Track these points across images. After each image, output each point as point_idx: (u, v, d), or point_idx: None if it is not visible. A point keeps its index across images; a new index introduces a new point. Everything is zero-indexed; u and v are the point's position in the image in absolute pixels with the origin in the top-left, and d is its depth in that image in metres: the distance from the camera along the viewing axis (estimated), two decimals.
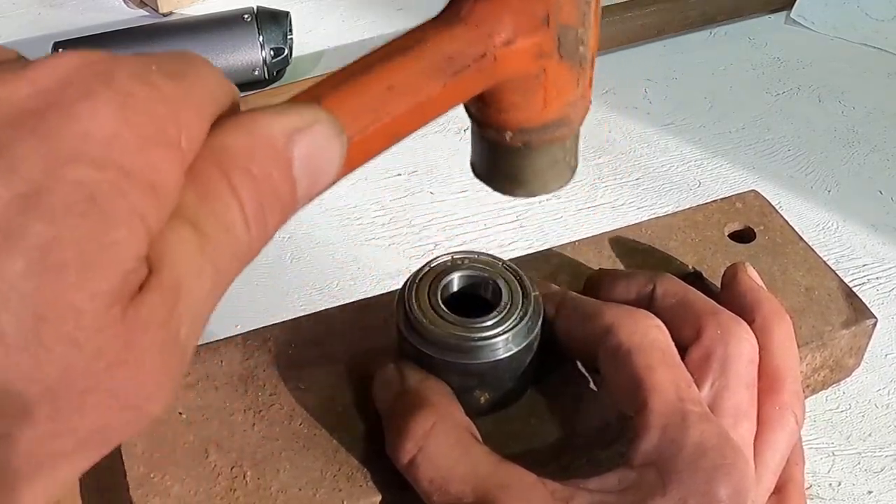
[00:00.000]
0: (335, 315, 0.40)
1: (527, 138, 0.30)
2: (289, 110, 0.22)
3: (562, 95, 0.29)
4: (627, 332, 0.33)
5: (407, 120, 0.26)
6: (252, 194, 0.21)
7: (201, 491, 0.33)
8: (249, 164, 0.21)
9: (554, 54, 0.28)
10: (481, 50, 0.27)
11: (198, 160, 0.21)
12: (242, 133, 0.21)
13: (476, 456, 0.31)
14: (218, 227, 0.21)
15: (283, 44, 0.87)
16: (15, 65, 0.20)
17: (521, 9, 0.27)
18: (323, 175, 0.23)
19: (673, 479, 0.29)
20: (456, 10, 0.27)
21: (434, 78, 0.26)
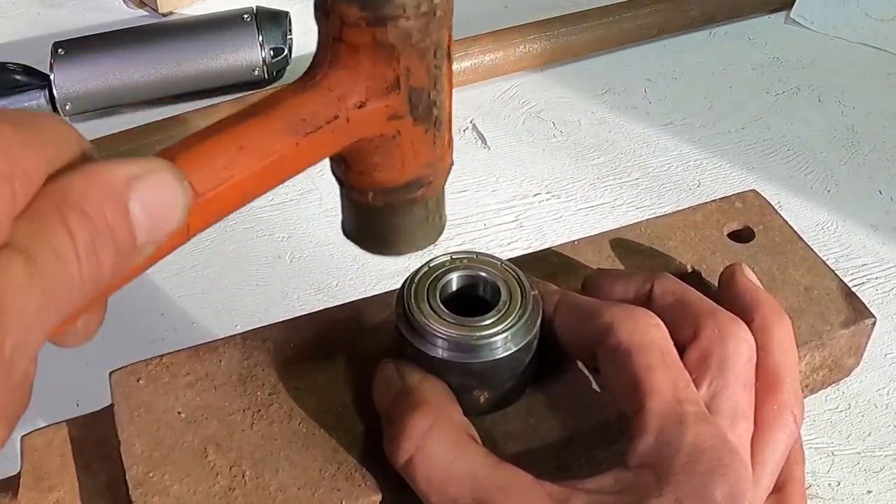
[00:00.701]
0: (334, 315, 0.40)
1: (388, 199, 0.32)
2: (130, 160, 0.23)
3: (418, 156, 0.31)
4: (627, 331, 0.33)
5: (259, 179, 0.27)
6: (83, 230, 0.22)
7: (200, 490, 0.33)
8: (83, 203, 0.22)
9: (407, 116, 0.30)
10: (334, 112, 0.28)
11: (36, 199, 0.22)
12: (79, 175, 0.22)
13: (474, 457, 0.31)
14: (49, 256, 0.21)
15: (283, 44, 0.87)
16: None
17: (372, 72, 0.28)
18: (165, 220, 0.24)
19: (669, 481, 0.29)
20: (311, 75, 0.29)
21: (286, 138, 0.27)
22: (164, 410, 0.36)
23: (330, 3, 0.28)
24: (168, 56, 0.84)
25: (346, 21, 0.27)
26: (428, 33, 0.28)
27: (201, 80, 0.85)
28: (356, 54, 0.28)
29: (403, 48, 0.28)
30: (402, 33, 0.28)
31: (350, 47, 0.28)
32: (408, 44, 0.28)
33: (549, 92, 0.89)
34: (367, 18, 0.27)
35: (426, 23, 0.28)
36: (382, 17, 0.27)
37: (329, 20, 0.28)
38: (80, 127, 0.92)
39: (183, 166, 0.25)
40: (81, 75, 0.83)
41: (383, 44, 0.28)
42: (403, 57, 0.28)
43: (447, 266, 0.36)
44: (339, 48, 0.28)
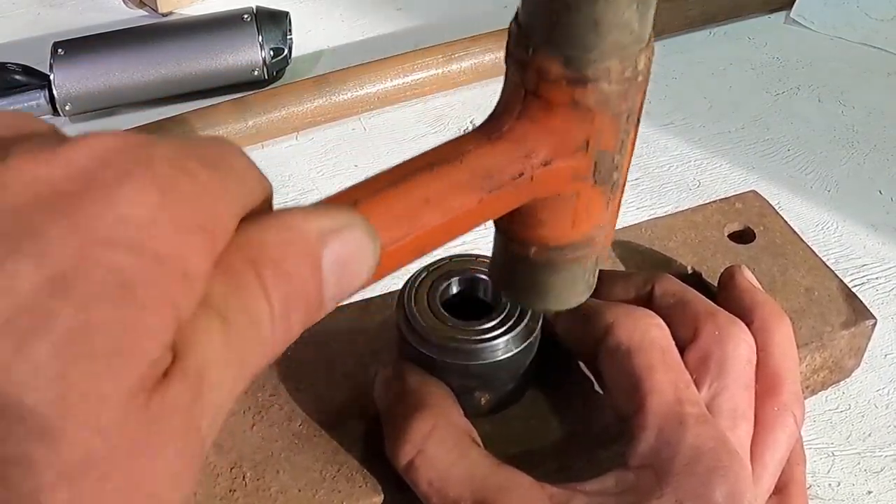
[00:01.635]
0: (335, 315, 0.39)
1: (550, 255, 0.30)
2: (324, 211, 0.22)
3: (591, 218, 0.30)
4: (628, 331, 0.33)
5: (440, 232, 0.26)
6: (280, 291, 0.21)
7: (201, 492, 0.33)
8: (280, 260, 0.21)
9: (589, 178, 0.28)
10: (519, 168, 0.27)
11: (228, 252, 0.20)
12: (275, 228, 0.21)
13: (474, 459, 0.31)
14: (245, 320, 0.20)
15: (283, 44, 0.87)
16: (50, 140, 0.19)
17: (563, 132, 0.27)
18: (353, 278, 0.23)
19: (669, 482, 0.29)
20: (497, 125, 0.27)
21: (471, 193, 0.26)
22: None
23: (530, 54, 0.26)
24: (168, 56, 0.84)
25: (546, 76, 0.26)
26: (626, 98, 0.27)
27: (201, 80, 0.85)
28: (549, 111, 0.26)
29: (599, 111, 0.26)
30: (602, 97, 0.26)
31: (544, 103, 0.26)
32: (605, 108, 0.26)
33: None
34: (569, 77, 0.26)
35: (626, 88, 0.27)
36: (585, 78, 0.26)
37: (526, 72, 0.26)
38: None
39: (368, 213, 0.23)
40: (81, 75, 0.82)
41: (580, 105, 0.26)
42: (598, 120, 0.27)
43: (448, 269, 0.36)
44: (532, 101, 0.27)
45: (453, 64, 0.86)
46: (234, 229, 0.21)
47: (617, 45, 0.25)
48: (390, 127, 0.79)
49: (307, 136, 0.80)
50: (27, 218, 0.18)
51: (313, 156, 0.77)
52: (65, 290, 0.17)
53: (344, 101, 0.79)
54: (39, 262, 0.17)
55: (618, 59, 0.26)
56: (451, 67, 0.86)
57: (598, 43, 0.25)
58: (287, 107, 0.81)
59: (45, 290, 0.17)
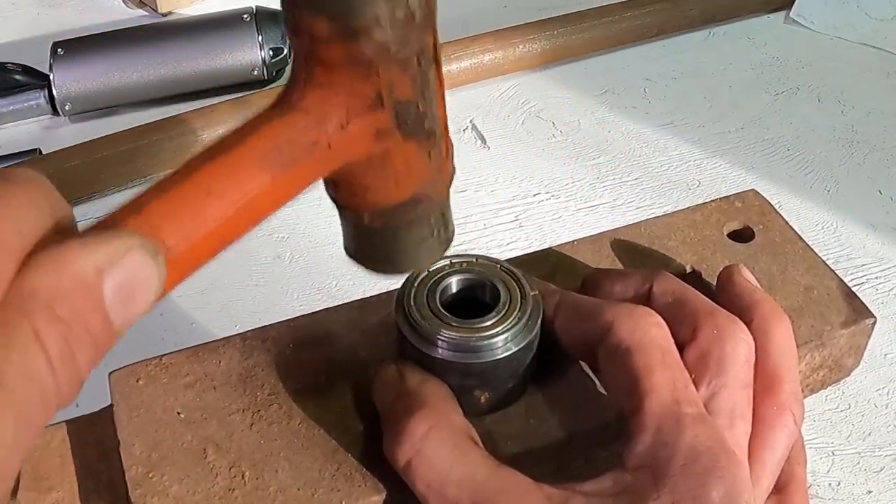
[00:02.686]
0: (334, 315, 0.40)
1: (385, 220, 0.29)
2: (99, 241, 0.21)
3: (412, 173, 0.28)
4: (627, 329, 0.33)
5: (235, 223, 0.25)
6: (58, 337, 0.20)
7: (200, 491, 0.33)
8: (55, 306, 0.20)
9: (395, 132, 0.27)
10: (313, 137, 0.26)
11: (4, 303, 0.20)
12: (49, 272, 0.21)
13: (473, 460, 0.31)
14: (20, 378, 0.20)
15: (283, 44, 0.87)
16: None
17: (351, 90, 0.26)
18: (141, 300, 0.22)
19: (666, 483, 0.29)
20: (287, 97, 0.26)
21: (260, 174, 0.25)
22: (164, 411, 0.36)
23: (297, 17, 0.25)
24: (168, 56, 0.84)
25: (317, 37, 0.25)
26: (408, 42, 0.26)
27: (201, 80, 0.85)
28: (331, 72, 0.25)
29: (382, 61, 0.25)
30: (378, 46, 0.25)
31: (324, 65, 0.25)
32: (386, 56, 0.25)
33: (548, 92, 0.89)
34: (339, 33, 0.24)
35: (405, 32, 0.25)
36: (354, 30, 0.24)
37: (299, 37, 0.25)
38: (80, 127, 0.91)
39: (150, 220, 0.23)
40: (81, 75, 0.83)
41: (360, 60, 0.25)
42: (383, 70, 0.26)
43: (447, 270, 0.36)
44: (313, 67, 0.26)
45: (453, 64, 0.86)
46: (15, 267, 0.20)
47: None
48: None
49: None
50: None
51: None
52: None
53: None
54: None
55: (385, 4, 0.25)
56: (451, 67, 0.86)
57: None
58: None
59: None
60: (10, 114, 0.84)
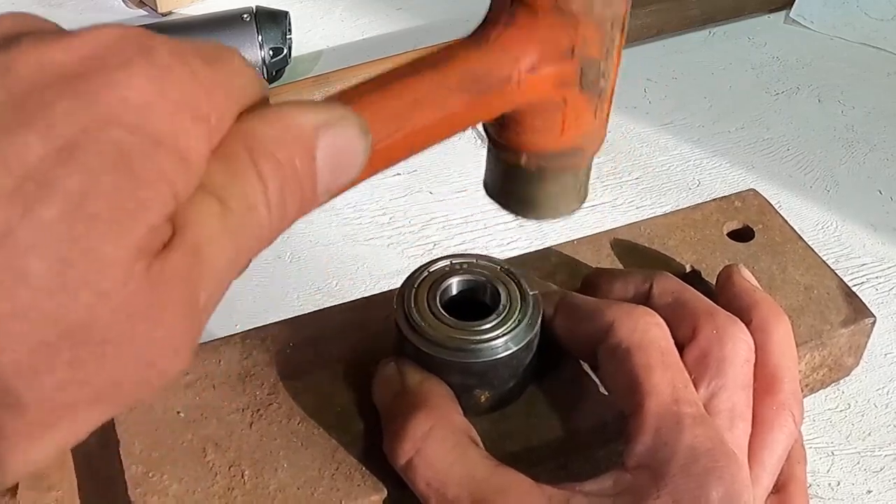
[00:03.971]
0: (334, 314, 0.40)
1: (541, 163, 0.31)
2: (319, 106, 0.23)
3: (579, 125, 0.30)
4: (627, 329, 0.33)
5: (429, 132, 0.27)
6: (276, 179, 0.22)
7: (199, 490, 0.33)
8: (276, 150, 0.22)
9: (575, 85, 0.29)
10: (506, 73, 0.28)
11: (227, 141, 0.22)
12: (272, 120, 0.22)
13: (473, 460, 0.31)
14: (241, 204, 0.21)
15: (282, 43, 0.87)
16: (56, 32, 0.21)
17: (548, 38, 0.28)
18: (345, 171, 0.24)
19: (665, 483, 0.29)
20: (486, 32, 0.28)
21: (459, 95, 0.27)
22: (164, 410, 0.36)
23: None
24: None
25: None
26: (610, 5, 0.28)
27: None
28: (535, 17, 0.27)
29: (583, 17, 0.27)
30: (586, 3, 0.27)
31: (529, 9, 0.27)
32: (589, 13, 0.27)
33: None
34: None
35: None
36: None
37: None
38: None
39: (361, 111, 0.24)
40: None
41: (565, 11, 0.27)
42: (582, 26, 0.28)
43: (447, 271, 0.36)
44: (518, 9, 0.28)
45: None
46: (232, 119, 0.22)
47: None
48: None
49: None
50: (34, 95, 0.19)
51: None
52: (69, 160, 0.18)
53: None
54: (46, 135, 0.18)
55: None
56: None
57: None
58: None
59: (51, 160, 0.18)
60: None
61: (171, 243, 0.20)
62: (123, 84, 0.20)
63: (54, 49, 0.20)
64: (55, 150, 0.18)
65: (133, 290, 0.19)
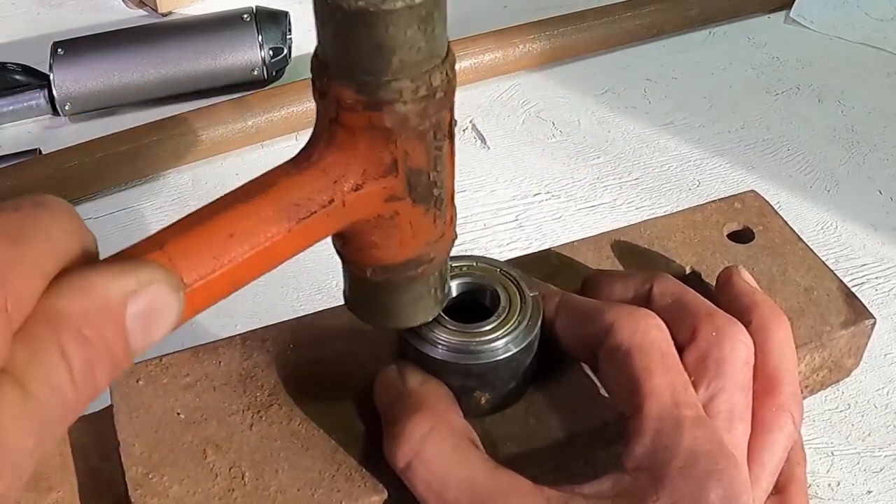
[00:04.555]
0: (334, 315, 0.40)
1: (387, 276, 0.31)
2: (126, 269, 0.23)
3: (418, 236, 0.30)
4: (628, 331, 0.33)
5: (251, 265, 0.26)
6: (82, 355, 0.22)
7: (200, 491, 0.33)
8: (81, 326, 0.22)
9: (406, 198, 0.29)
10: (329, 196, 0.28)
11: (31, 321, 0.21)
12: (77, 295, 0.22)
13: (473, 462, 0.31)
14: (45, 388, 0.21)
15: (283, 44, 0.87)
16: None
17: (369, 155, 0.28)
18: (159, 328, 0.24)
19: (665, 485, 0.29)
20: (306, 155, 0.28)
21: (278, 224, 0.27)
22: (164, 411, 0.36)
23: (326, 83, 0.27)
24: (168, 56, 0.84)
25: (342, 104, 0.27)
26: (427, 116, 0.27)
27: (201, 80, 0.85)
28: (353, 136, 0.27)
29: (401, 132, 0.27)
30: (399, 118, 0.27)
31: (347, 129, 0.27)
32: (405, 127, 0.27)
33: (548, 92, 0.89)
34: (364, 102, 0.26)
35: (425, 106, 0.27)
36: (379, 101, 0.26)
37: (325, 101, 0.27)
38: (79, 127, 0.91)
39: (171, 256, 0.24)
40: (81, 75, 0.82)
41: (379, 128, 0.27)
42: (401, 140, 0.27)
43: None
44: (336, 129, 0.27)
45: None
46: (39, 294, 0.22)
47: (406, 66, 0.26)
48: None
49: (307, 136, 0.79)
50: None
51: None
52: None
53: None
54: None
55: (409, 79, 0.26)
56: None
57: (386, 66, 0.26)
58: (287, 107, 0.81)
59: None
60: (10, 114, 0.84)
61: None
62: None
63: None
64: None
65: None
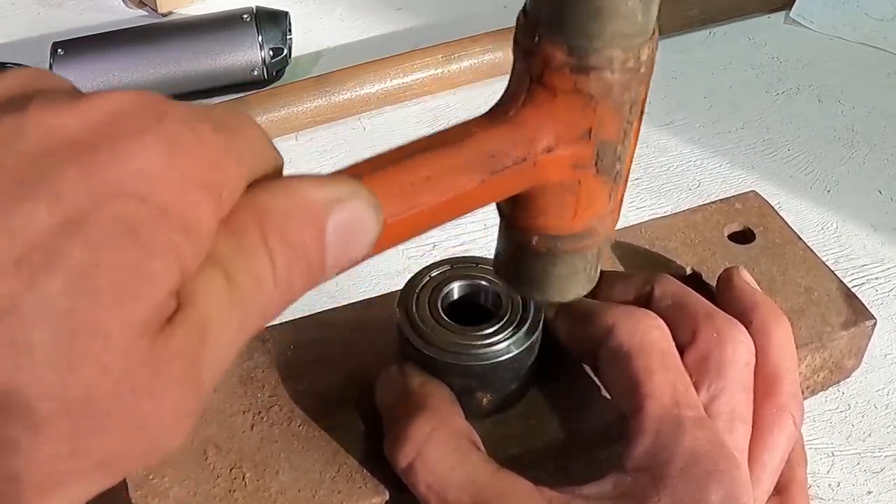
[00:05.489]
0: (335, 316, 0.40)
1: (552, 245, 0.30)
2: (331, 181, 0.23)
3: (592, 207, 0.30)
4: (628, 332, 0.33)
5: (441, 210, 0.26)
6: (284, 255, 0.22)
7: (200, 492, 0.33)
8: (286, 226, 0.22)
9: (591, 167, 0.29)
10: (523, 153, 0.27)
11: (237, 213, 0.21)
12: (283, 195, 0.22)
13: (474, 463, 0.31)
14: (249, 279, 0.21)
15: (283, 44, 0.87)
16: (69, 95, 0.20)
17: (566, 119, 0.27)
18: (355, 248, 0.23)
19: (665, 486, 0.29)
20: (503, 109, 0.28)
21: (473, 174, 0.27)
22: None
23: (536, 41, 0.26)
24: (168, 56, 0.84)
25: (550, 64, 0.26)
26: (629, 89, 0.27)
27: (201, 80, 0.85)
28: (553, 98, 0.27)
29: (602, 100, 0.27)
30: (604, 86, 0.27)
31: (547, 90, 0.27)
32: (607, 96, 0.27)
33: None
34: (573, 65, 0.26)
35: (629, 78, 0.27)
36: (588, 66, 0.26)
37: (531, 59, 0.27)
38: None
39: (371, 188, 0.24)
40: (81, 75, 0.82)
41: (583, 93, 0.27)
42: (600, 108, 0.27)
43: (448, 275, 0.36)
44: (537, 89, 0.27)
45: (453, 64, 0.86)
46: (242, 190, 0.22)
47: (620, 35, 0.26)
48: (390, 127, 0.79)
49: (307, 136, 0.80)
50: (43, 163, 0.19)
51: (313, 156, 0.77)
52: (75, 231, 0.18)
53: (344, 101, 0.79)
54: (53, 205, 0.18)
55: (620, 49, 0.26)
56: (451, 67, 0.86)
57: (601, 32, 0.26)
58: (287, 107, 0.81)
59: (57, 231, 0.18)
60: None
61: (176, 318, 0.20)
62: (133, 154, 0.19)
63: (65, 114, 0.19)
64: (62, 220, 0.18)
65: (136, 365, 0.19)
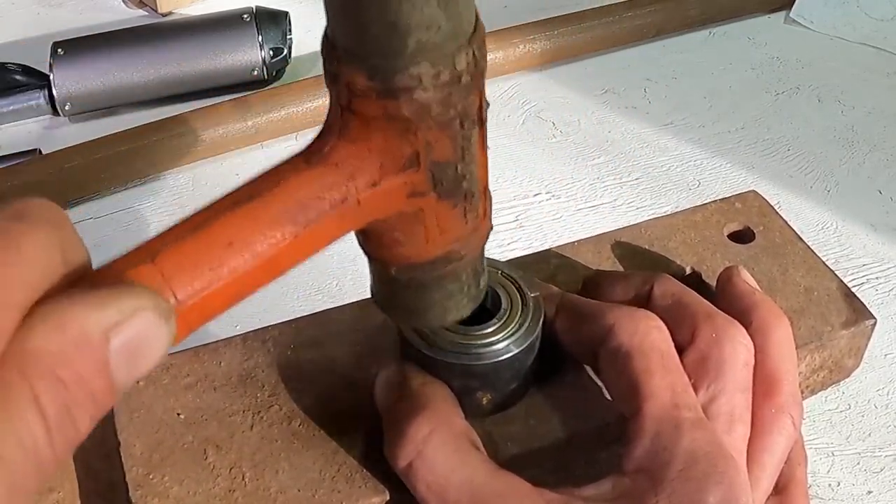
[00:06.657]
0: (334, 315, 0.40)
1: (413, 274, 0.28)
2: (108, 299, 0.20)
3: (447, 233, 0.27)
4: (628, 333, 0.33)
5: (253, 277, 0.24)
6: (58, 402, 0.19)
7: (200, 492, 0.33)
8: (57, 368, 0.19)
9: (430, 193, 0.26)
10: (341, 194, 0.24)
11: (3, 364, 0.19)
12: (52, 332, 0.19)
13: (473, 464, 0.31)
14: (17, 449, 0.19)
15: (283, 44, 0.87)
16: None
17: (385, 148, 0.24)
18: (146, 360, 0.21)
19: (664, 487, 0.29)
20: (319, 146, 0.25)
21: (282, 229, 0.24)
22: (164, 412, 0.36)
23: (336, 66, 0.24)
24: (168, 56, 0.84)
25: (354, 90, 0.23)
26: (451, 104, 0.24)
27: (201, 80, 0.85)
28: (367, 127, 0.24)
29: (421, 122, 0.24)
30: (419, 107, 0.23)
31: (360, 119, 0.24)
32: (427, 117, 0.24)
33: (549, 92, 0.89)
34: (377, 89, 0.23)
35: (448, 93, 0.24)
36: (394, 88, 0.23)
37: (336, 87, 0.24)
38: (79, 127, 0.91)
39: (164, 269, 0.22)
40: (81, 75, 0.82)
41: (397, 118, 0.24)
42: (422, 131, 0.24)
43: None
44: (349, 119, 0.24)
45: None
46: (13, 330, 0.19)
47: (424, 48, 0.23)
48: None
49: (307, 136, 0.80)
50: None
51: None
52: None
53: None
54: None
55: (429, 63, 0.23)
56: None
57: (401, 48, 0.22)
58: (287, 107, 0.81)
59: None
60: (10, 114, 0.84)
61: None
62: None
63: None
64: None
65: None
